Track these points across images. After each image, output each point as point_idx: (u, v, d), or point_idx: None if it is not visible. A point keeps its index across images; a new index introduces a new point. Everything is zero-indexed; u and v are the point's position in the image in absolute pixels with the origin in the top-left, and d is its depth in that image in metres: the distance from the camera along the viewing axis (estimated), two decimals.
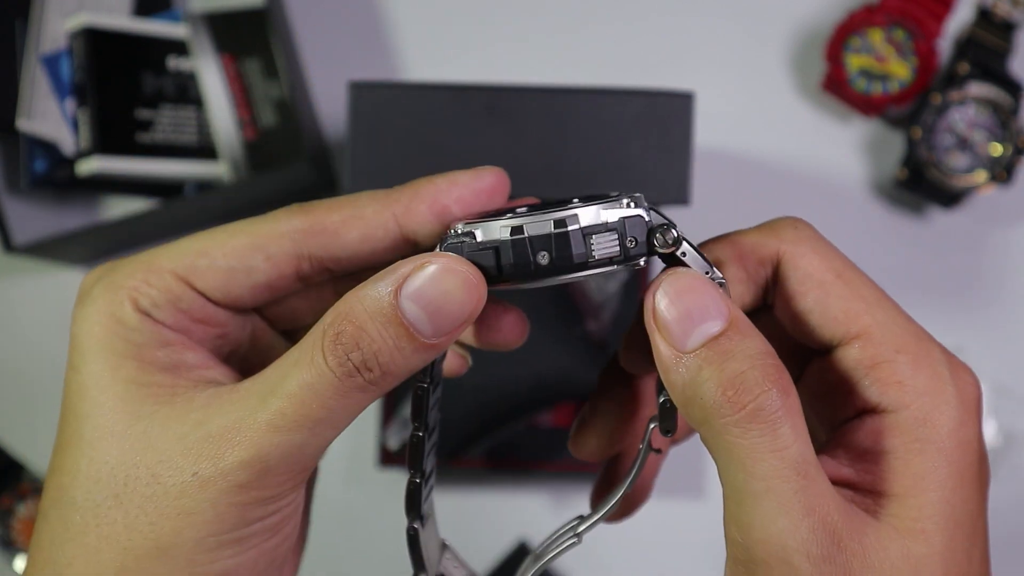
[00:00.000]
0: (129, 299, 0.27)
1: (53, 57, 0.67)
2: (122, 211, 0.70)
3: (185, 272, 0.27)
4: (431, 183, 0.28)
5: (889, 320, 0.26)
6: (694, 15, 0.71)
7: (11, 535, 0.69)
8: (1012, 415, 0.68)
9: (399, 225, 0.28)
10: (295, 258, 0.28)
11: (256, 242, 0.28)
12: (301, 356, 0.25)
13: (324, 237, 0.28)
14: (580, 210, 0.24)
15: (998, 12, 0.66)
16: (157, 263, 0.27)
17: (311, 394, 0.24)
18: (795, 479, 0.23)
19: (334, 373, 0.24)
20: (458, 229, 0.25)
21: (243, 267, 0.27)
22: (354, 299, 0.24)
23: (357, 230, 0.28)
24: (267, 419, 0.24)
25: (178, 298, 0.27)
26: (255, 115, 0.69)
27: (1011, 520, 0.68)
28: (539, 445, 0.65)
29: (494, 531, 0.68)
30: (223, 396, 0.25)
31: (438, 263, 0.24)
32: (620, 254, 0.24)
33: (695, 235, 0.72)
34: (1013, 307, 0.69)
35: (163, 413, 0.25)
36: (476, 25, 0.72)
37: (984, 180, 0.65)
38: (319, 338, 0.24)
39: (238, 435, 0.24)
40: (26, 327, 0.72)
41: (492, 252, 0.24)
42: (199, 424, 0.25)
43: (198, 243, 0.28)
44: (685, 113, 0.52)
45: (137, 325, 0.26)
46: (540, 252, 0.24)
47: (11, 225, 0.65)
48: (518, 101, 0.52)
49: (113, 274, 0.27)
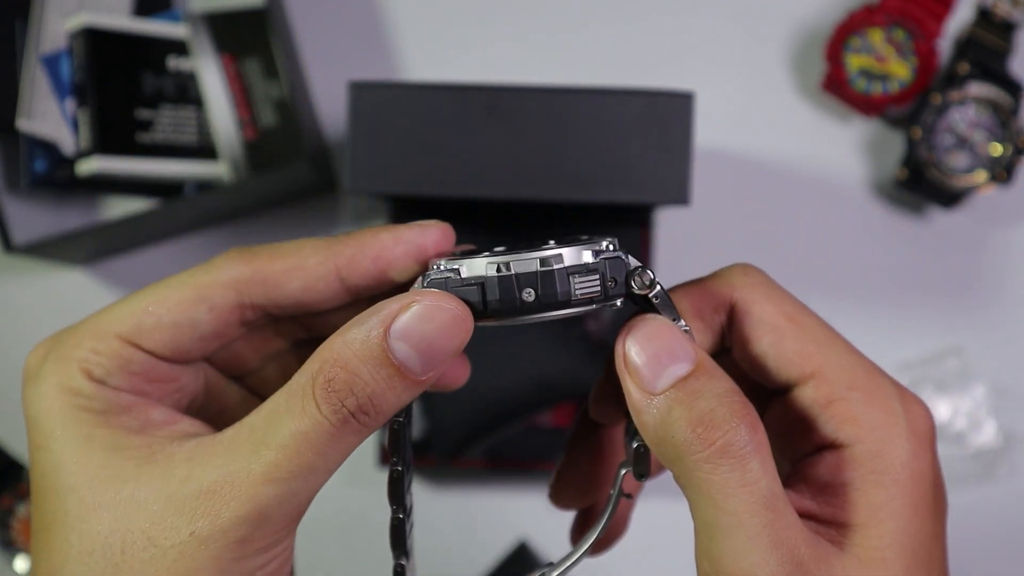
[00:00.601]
0: (81, 371, 0.26)
1: (53, 57, 0.67)
2: (122, 211, 0.70)
3: (131, 334, 0.27)
4: (376, 238, 0.28)
5: (841, 359, 0.28)
6: (694, 15, 0.71)
7: (11, 535, 0.69)
8: (1012, 415, 0.68)
9: (341, 278, 0.28)
10: (238, 307, 0.28)
11: (199, 294, 0.27)
12: (290, 405, 0.25)
13: (266, 287, 0.28)
14: (564, 250, 0.25)
15: (998, 12, 0.66)
16: (102, 328, 0.27)
17: (306, 443, 0.24)
18: (764, 513, 0.23)
19: (329, 420, 0.24)
20: (441, 265, 0.25)
21: (188, 321, 0.27)
22: (341, 344, 0.24)
23: (299, 280, 0.28)
24: (261, 471, 0.24)
25: (128, 361, 0.27)
26: (255, 115, 0.69)
27: (1011, 520, 0.68)
28: (539, 445, 0.65)
29: (494, 531, 0.68)
30: (206, 449, 0.25)
31: (426, 300, 0.24)
32: (600, 294, 0.25)
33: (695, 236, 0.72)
34: (1013, 307, 0.69)
35: (147, 473, 0.25)
36: (476, 25, 0.72)
37: (984, 180, 0.65)
38: (308, 385, 0.24)
39: (232, 489, 0.24)
40: (26, 327, 0.72)
41: (478, 288, 0.25)
42: (187, 480, 0.25)
43: (141, 301, 0.27)
44: (685, 113, 0.52)
45: (95, 394, 0.26)
46: (526, 289, 0.25)
47: (11, 225, 0.65)
48: (518, 101, 0.52)
49: (60, 348, 0.27)
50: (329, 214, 0.72)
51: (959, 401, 0.67)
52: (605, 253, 0.25)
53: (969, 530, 0.67)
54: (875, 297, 0.69)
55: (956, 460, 0.67)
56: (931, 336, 0.69)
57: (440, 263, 0.25)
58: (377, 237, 0.28)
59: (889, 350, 0.68)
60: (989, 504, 0.67)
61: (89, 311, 0.81)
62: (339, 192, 0.72)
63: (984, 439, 0.67)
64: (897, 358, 0.68)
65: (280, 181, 0.65)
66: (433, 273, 0.25)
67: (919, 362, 0.68)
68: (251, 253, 0.28)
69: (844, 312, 0.69)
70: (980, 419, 0.67)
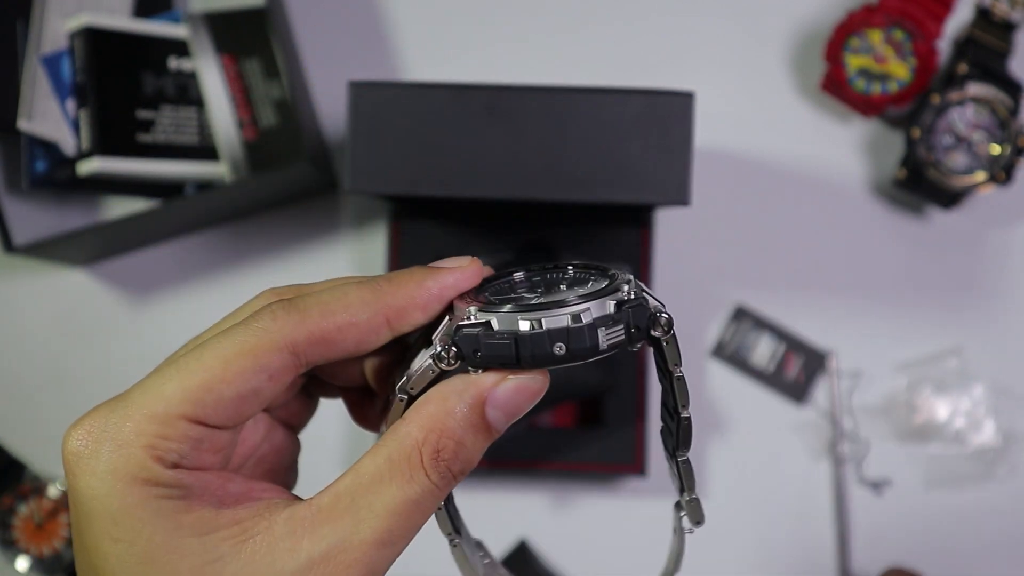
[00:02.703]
0: (153, 458, 0.25)
1: (53, 57, 0.67)
2: (122, 211, 0.70)
3: (195, 414, 0.26)
4: (422, 287, 0.28)
5: None
6: (694, 15, 0.72)
7: (11, 535, 0.69)
8: (1011, 415, 0.68)
9: (391, 329, 0.28)
10: (294, 367, 0.27)
11: (257, 363, 0.26)
12: (395, 473, 0.26)
13: (322, 347, 0.27)
14: (592, 304, 0.26)
15: (997, 12, 0.66)
16: (163, 412, 0.25)
17: (416, 508, 0.26)
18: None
19: (437, 486, 0.26)
20: (472, 314, 0.26)
21: (250, 392, 0.26)
22: (444, 414, 0.26)
23: (354, 338, 0.28)
24: (374, 537, 0.25)
25: (199, 441, 0.26)
26: (255, 115, 0.69)
27: (1011, 520, 0.68)
28: (539, 445, 0.66)
29: (494, 531, 0.68)
30: (305, 519, 0.26)
31: (519, 379, 0.27)
32: (625, 341, 0.27)
33: (695, 236, 0.72)
34: (1013, 307, 0.69)
35: (248, 551, 0.25)
36: (476, 25, 0.72)
37: (983, 180, 0.65)
38: (414, 455, 0.26)
39: (346, 556, 0.25)
40: (26, 327, 0.72)
41: (511, 343, 0.26)
42: (294, 552, 0.25)
43: (196, 376, 0.26)
44: (685, 113, 0.52)
45: (174, 481, 0.25)
46: (557, 344, 0.26)
47: (11, 225, 0.65)
48: (518, 101, 0.52)
49: (117, 433, 0.25)
50: (329, 214, 0.72)
51: (959, 401, 0.67)
52: (629, 301, 0.26)
53: (969, 530, 0.67)
54: (875, 297, 0.69)
55: (956, 460, 0.68)
56: (931, 336, 0.69)
57: (471, 311, 0.26)
58: (423, 285, 0.28)
59: (889, 350, 0.69)
60: (989, 504, 0.68)
61: (89, 311, 0.80)
62: (339, 192, 0.72)
63: (983, 439, 0.67)
64: (897, 358, 0.69)
65: (280, 181, 0.65)
66: (465, 324, 0.26)
67: (919, 362, 0.68)
68: (299, 310, 0.27)
69: (844, 312, 0.69)
70: (979, 419, 0.67)
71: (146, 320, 0.72)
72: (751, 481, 0.69)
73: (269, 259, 0.72)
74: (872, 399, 0.68)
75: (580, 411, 0.69)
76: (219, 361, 0.26)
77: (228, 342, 0.26)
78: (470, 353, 0.26)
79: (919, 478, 0.68)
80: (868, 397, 0.68)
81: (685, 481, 0.31)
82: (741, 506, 0.69)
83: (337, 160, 0.72)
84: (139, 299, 0.72)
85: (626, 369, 0.66)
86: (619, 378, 0.66)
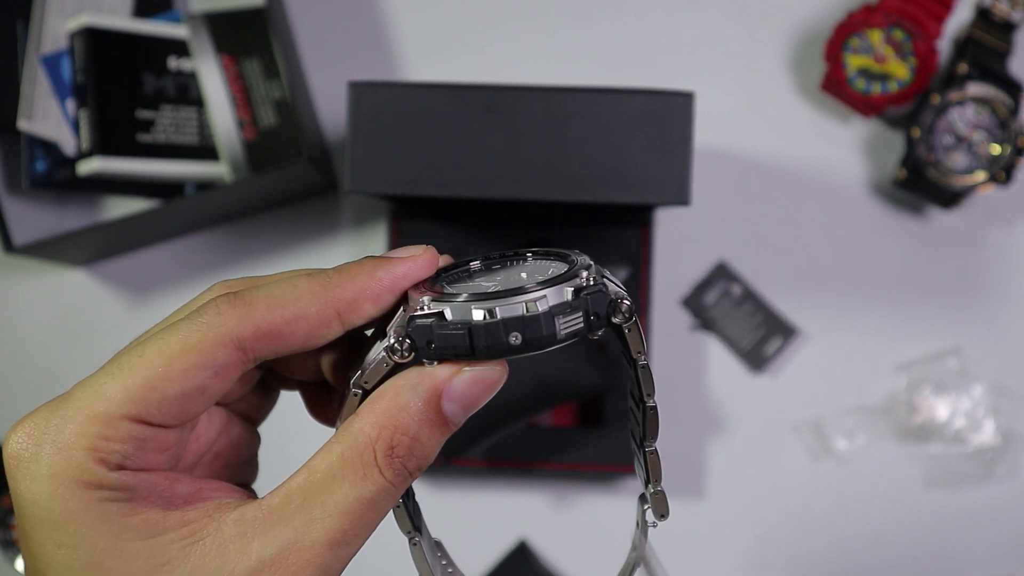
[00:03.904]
0: (95, 460, 0.24)
1: (53, 57, 0.67)
2: (122, 211, 0.70)
3: (139, 413, 0.25)
4: (373, 278, 0.27)
5: None
6: (694, 15, 0.72)
7: (11, 535, 0.69)
8: (1011, 415, 0.68)
9: (342, 323, 0.27)
10: (241, 363, 0.26)
11: (202, 359, 0.25)
12: (347, 471, 0.25)
13: (269, 341, 0.26)
14: (548, 291, 0.25)
15: (997, 12, 0.66)
16: (104, 411, 0.24)
17: (370, 507, 0.25)
18: None
19: (392, 484, 0.25)
20: (425, 304, 0.25)
21: (195, 389, 0.25)
22: (397, 409, 0.26)
23: (302, 331, 0.27)
24: (327, 538, 0.25)
25: (143, 441, 0.25)
26: (255, 115, 0.69)
27: (1011, 519, 0.68)
28: (539, 445, 0.66)
29: (494, 531, 0.68)
30: (255, 520, 0.25)
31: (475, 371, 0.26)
32: (584, 328, 0.26)
33: (695, 236, 0.72)
34: (1012, 307, 0.69)
35: (197, 554, 0.25)
36: (476, 25, 0.72)
37: (983, 180, 0.65)
38: (367, 452, 0.25)
39: (297, 557, 0.25)
40: (26, 327, 0.72)
41: (465, 333, 0.25)
42: (243, 554, 0.24)
43: (138, 374, 0.25)
44: (685, 113, 0.52)
45: (118, 483, 0.24)
46: (512, 333, 0.25)
47: (11, 225, 0.65)
48: (518, 101, 0.52)
49: (58, 436, 0.24)
50: (329, 214, 0.72)
51: (958, 401, 0.67)
52: (587, 288, 0.26)
53: (969, 529, 0.67)
54: (875, 297, 0.69)
55: (956, 460, 0.68)
56: (931, 336, 0.69)
57: (424, 301, 0.26)
58: (374, 276, 0.27)
59: (889, 350, 0.69)
60: (988, 504, 0.68)
61: (89, 311, 0.80)
62: (339, 192, 0.72)
63: (983, 438, 0.67)
64: (897, 358, 0.69)
65: (280, 181, 0.65)
66: (418, 315, 0.25)
67: (919, 362, 0.68)
68: (245, 303, 0.26)
69: (844, 312, 0.69)
70: (979, 419, 0.67)
71: (146, 320, 0.72)
72: (746, 473, 0.69)
73: (269, 259, 0.72)
74: (872, 399, 0.68)
75: (580, 411, 0.69)
76: (162, 358, 0.25)
77: (172, 338, 0.25)
78: (424, 344, 0.25)
79: (919, 478, 0.68)
80: (868, 397, 0.68)
81: (652, 473, 0.30)
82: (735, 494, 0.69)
83: (337, 160, 0.72)
84: (139, 299, 0.72)
85: (626, 369, 0.66)
86: (619, 378, 0.66)
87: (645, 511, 0.31)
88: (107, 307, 0.72)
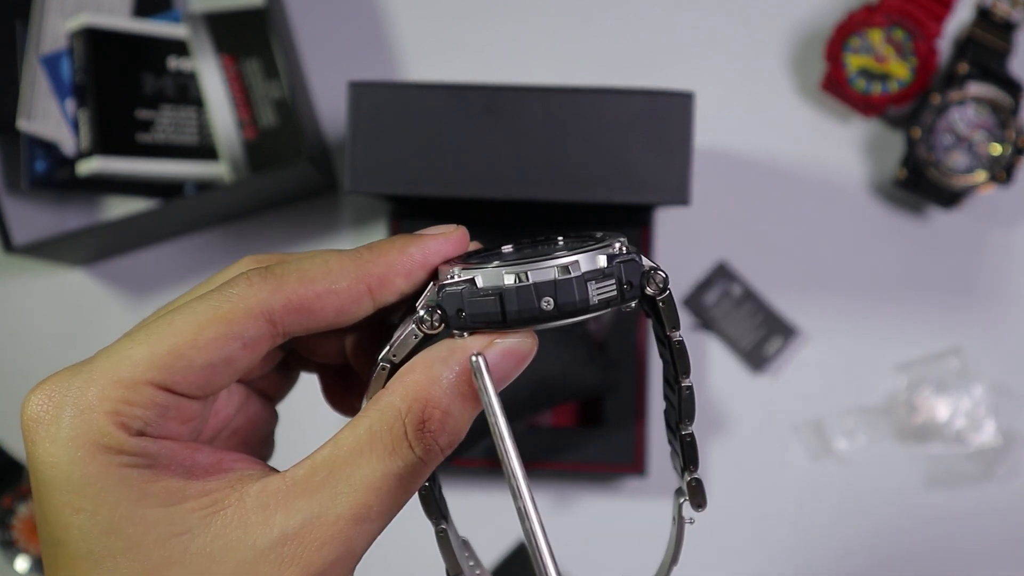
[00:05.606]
0: (116, 424, 0.24)
1: (53, 57, 0.67)
2: (122, 211, 0.70)
3: (163, 380, 0.24)
4: (404, 253, 0.27)
5: None
6: (694, 15, 0.72)
7: (11, 535, 0.69)
8: (1011, 415, 0.68)
9: (373, 299, 0.27)
10: (271, 336, 0.25)
11: (231, 330, 0.25)
12: (376, 445, 0.24)
13: (300, 315, 0.26)
14: (581, 256, 0.25)
15: (998, 12, 0.66)
16: (129, 376, 0.24)
17: (398, 483, 0.24)
18: None
19: (422, 460, 0.25)
20: (455, 274, 0.25)
21: (222, 360, 0.25)
22: (429, 382, 0.25)
23: (333, 306, 0.26)
24: (352, 512, 0.24)
25: (166, 408, 0.24)
26: (255, 115, 0.69)
27: (1011, 519, 0.68)
28: (539, 445, 0.65)
29: (494, 531, 0.68)
30: (278, 492, 0.24)
31: (507, 342, 0.25)
32: (617, 298, 0.25)
33: (695, 236, 0.72)
34: (1013, 307, 0.69)
35: (218, 523, 0.24)
36: (476, 25, 0.72)
37: (984, 180, 0.65)
38: (397, 426, 0.24)
39: (320, 532, 0.24)
40: (26, 327, 0.72)
41: (496, 299, 0.24)
42: (265, 526, 0.24)
43: (165, 341, 0.24)
44: (685, 113, 0.52)
45: (139, 449, 0.24)
46: (544, 298, 0.24)
47: (11, 225, 0.65)
48: (518, 101, 0.52)
49: (78, 398, 0.24)
50: (329, 214, 0.72)
51: (959, 401, 0.67)
52: (620, 256, 0.25)
53: (969, 529, 0.67)
54: (875, 297, 0.69)
55: (956, 460, 0.68)
56: (931, 336, 0.69)
57: (454, 271, 0.25)
58: (405, 252, 0.27)
59: (889, 350, 0.69)
60: (989, 504, 0.68)
61: (89, 311, 0.80)
62: (339, 192, 0.72)
63: (984, 439, 0.67)
64: (897, 358, 0.68)
65: (280, 181, 0.65)
66: (448, 283, 0.25)
67: (919, 362, 0.68)
68: (276, 276, 0.25)
69: (844, 312, 0.69)
70: (980, 419, 0.67)
71: None
72: (748, 472, 0.69)
73: None
74: (872, 399, 0.68)
75: (580, 411, 0.69)
76: (191, 326, 0.24)
77: (202, 307, 0.25)
78: (454, 313, 0.25)
79: (919, 478, 0.68)
80: (869, 397, 0.68)
81: (688, 459, 0.29)
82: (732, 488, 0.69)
83: (337, 160, 0.72)
84: (139, 299, 0.72)
85: (626, 369, 0.66)
86: (619, 378, 0.66)
87: (681, 505, 0.30)
88: (107, 307, 0.72)
